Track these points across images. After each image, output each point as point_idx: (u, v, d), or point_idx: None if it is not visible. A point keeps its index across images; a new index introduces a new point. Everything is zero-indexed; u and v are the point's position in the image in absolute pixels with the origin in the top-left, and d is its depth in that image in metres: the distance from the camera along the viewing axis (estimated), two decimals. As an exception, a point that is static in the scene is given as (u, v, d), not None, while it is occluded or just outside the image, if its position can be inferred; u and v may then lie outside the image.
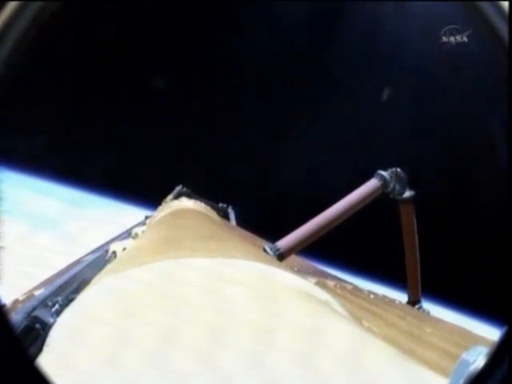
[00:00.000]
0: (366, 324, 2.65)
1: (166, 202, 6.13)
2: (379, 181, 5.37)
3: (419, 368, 1.55)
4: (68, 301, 2.20)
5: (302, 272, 4.13)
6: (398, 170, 5.44)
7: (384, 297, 5.01)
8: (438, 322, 4.54)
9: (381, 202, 5.40)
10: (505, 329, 1.05)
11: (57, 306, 2.16)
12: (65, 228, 7.70)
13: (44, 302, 2.24)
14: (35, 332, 1.88)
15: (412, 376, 1.45)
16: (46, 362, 1.46)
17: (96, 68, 6.66)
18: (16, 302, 3.08)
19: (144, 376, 1.41)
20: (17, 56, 1.10)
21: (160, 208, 5.82)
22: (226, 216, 7.05)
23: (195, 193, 6.68)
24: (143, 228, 4.72)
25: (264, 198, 7.02)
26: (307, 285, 2.21)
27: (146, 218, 5.86)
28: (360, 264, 6.34)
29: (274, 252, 4.62)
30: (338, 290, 4.13)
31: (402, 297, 5.79)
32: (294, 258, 5.09)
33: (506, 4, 1.12)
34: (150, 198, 6.59)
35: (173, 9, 6.49)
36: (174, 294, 1.82)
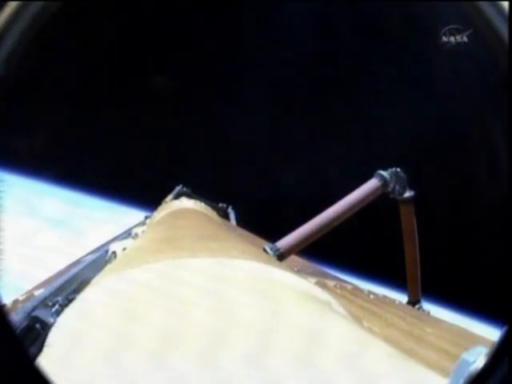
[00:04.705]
0: (366, 324, 2.65)
1: (166, 202, 6.13)
2: (379, 181, 5.37)
3: (419, 368, 1.55)
4: (68, 301, 2.20)
5: (301, 272, 4.13)
6: (398, 170, 5.44)
7: (384, 297, 5.01)
8: (437, 322, 4.54)
9: (381, 202, 5.40)
10: (505, 329, 1.05)
11: (57, 306, 2.16)
12: (65, 228, 7.70)
13: (44, 302, 2.24)
14: (35, 332, 1.88)
15: (412, 376, 1.45)
16: (45, 361, 1.46)
17: (96, 68, 6.65)
18: (16, 302, 3.08)
19: (144, 376, 1.41)
20: (17, 56, 1.10)
21: (160, 208, 5.81)
22: (226, 216, 7.05)
23: (195, 193, 6.68)
24: (143, 228, 4.72)
25: (264, 198, 7.01)
26: (307, 285, 2.21)
27: (146, 218, 5.85)
28: (360, 264, 6.33)
29: (274, 252, 4.62)
30: (338, 290, 4.13)
31: (401, 297, 5.80)
32: (294, 258, 5.09)
33: (506, 4, 1.12)
34: (150, 198, 6.59)
35: (173, 9, 6.49)
36: (174, 294, 1.82)
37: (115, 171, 7.36)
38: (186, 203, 5.86)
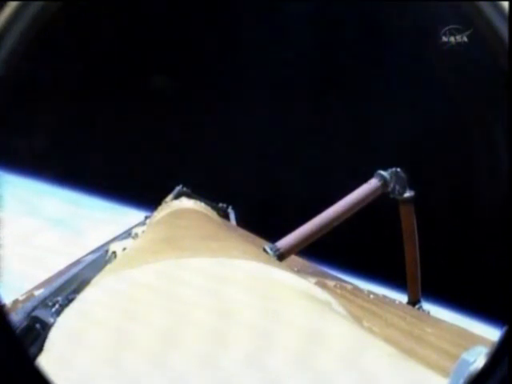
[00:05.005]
0: (366, 324, 2.65)
1: (166, 202, 6.12)
2: (379, 181, 5.36)
3: (419, 368, 1.55)
4: (68, 301, 2.20)
5: (301, 272, 4.13)
6: (398, 169, 5.44)
7: (384, 297, 5.00)
8: (437, 322, 4.54)
9: (381, 202, 5.40)
10: (505, 329, 1.05)
11: (57, 306, 2.16)
12: (65, 228, 7.70)
13: (44, 302, 2.24)
14: (35, 332, 1.88)
15: (412, 376, 1.45)
16: (45, 361, 1.46)
17: (96, 68, 6.65)
18: (16, 302, 3.08)
19: (144, 376, 1.41)
20: (17, 56, 1.10)
21: (160, 208, 5.81)
22: (226, 216, 7.04)
23: (195, 193, 6.67)
24: (143, 228, 4.72)
25: (264, 198, 7.01)
26: (307, 285, 2.21)
27: (146, 218, 5.84)
28: (360, 264, 6.33)
29: (274, 252, 4.62)
30: (338, 290, 4.13)
31: (402, 297, 5.79)
32: (294, 258, 5.08)
33: (506, 4, 1.13)
34: (150, 198, 6.58)
35: (173, 9, 6.49)
36: (174, 295, 1.82)
37: (115, 171, 7.36)
38: (186, 203, 5.85)
